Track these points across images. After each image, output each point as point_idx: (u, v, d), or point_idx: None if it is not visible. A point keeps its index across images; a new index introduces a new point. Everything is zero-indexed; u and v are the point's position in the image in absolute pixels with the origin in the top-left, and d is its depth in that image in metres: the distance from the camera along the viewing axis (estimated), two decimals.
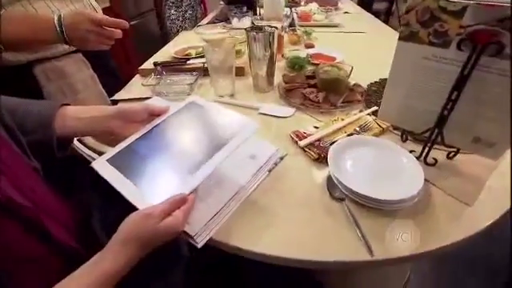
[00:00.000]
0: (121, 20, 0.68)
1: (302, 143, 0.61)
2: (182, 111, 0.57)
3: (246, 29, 0.78)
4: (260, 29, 0.81)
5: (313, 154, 0.59)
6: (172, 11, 2.06)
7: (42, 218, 0.37)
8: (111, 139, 0.52)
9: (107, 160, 0.49)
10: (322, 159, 0.57)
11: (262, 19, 0.99)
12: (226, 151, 0.46)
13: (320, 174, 0.55)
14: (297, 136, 0.63)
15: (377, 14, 2.41)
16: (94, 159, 0.53)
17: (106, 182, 0.45)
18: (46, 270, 0.37)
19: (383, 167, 0.53)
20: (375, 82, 0.88)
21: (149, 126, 0.54)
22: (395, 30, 1.50)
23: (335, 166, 0.52)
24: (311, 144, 0.61)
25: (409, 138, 0.63)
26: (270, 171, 0.57)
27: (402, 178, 0.50)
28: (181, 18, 2.10)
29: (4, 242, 0.32)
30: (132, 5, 2.41)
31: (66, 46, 0.80)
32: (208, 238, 0.44)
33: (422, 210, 0.47)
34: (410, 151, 0.57)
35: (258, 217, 0.48)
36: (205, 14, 2.23)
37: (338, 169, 0.51)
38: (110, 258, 0.35)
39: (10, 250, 0.33)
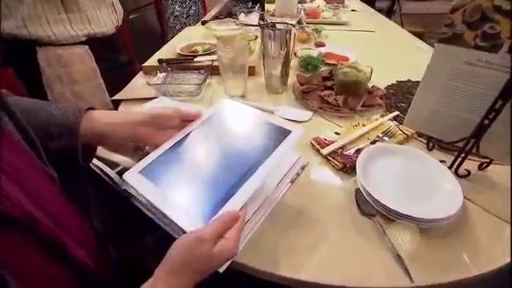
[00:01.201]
0: None
1: (325, 151, 0.57)
2: (214, 116, 0.52)
3: (261, 25, 0.73)
4: (275, 26, 0.76)
5: (337, 163, 0.55)
6: (176, 7, 2.00)
7: (60, 237, 0.33)
8: (126, 146, 0.48)
9: (139, 172, 0.44)
10: (347, 169, 0.54)
11: (272, 15, 0.94)
12: (272, 161, 0.42)
13: (347, 185, 0.52)
14: (318, 143, 0.60)
15: (379, 12, 2.38)
16: (107, 175, 0.49)
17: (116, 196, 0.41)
18: None
19: (415, 179, 0.50)
20: (392, 84, 0.84)
21: (183, 133, 0.49)
22: None
23: (364, 178, 0.48)
24: (335, 152, 0.57)
25: (435, 146, 0.60)
26: (292, 182, 0.53)
27: (437, 192, 0.47)
28: (185, 15, 2.05)
29: (18, 261, 0.28)
30: None
31: (74, 33, 0.79)
32: (231, 260, 0.39)
33: (459, 228, 0.44)
34: (440, 161, 0.53)
35: (281, 236, 0.44)
36: (204, 10, 2.16)
37: (367, 181, 0.48)
38: None
39: (24, 269, 0.29)
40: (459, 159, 0.53)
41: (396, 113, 0.68)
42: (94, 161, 0.60)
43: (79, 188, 0.54)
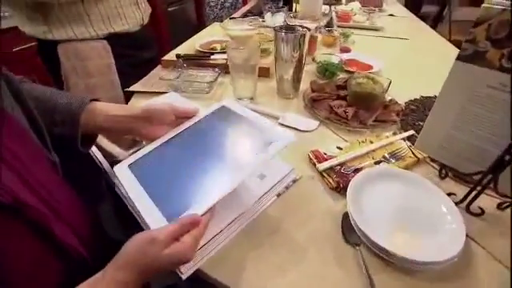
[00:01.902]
0: None
1: (321, 167, 0.53)
2: (211, 116, 0.51)
3: (274, 28, 0.71)
4: (291, 28, 0.73)
5: (331, 181, 0.51)
6: None
7: (49, 220, 0.34)
8: (126, 139, 0.49)
9: (129, 166, 0.45)
10: (340, 189, 0.50)
11: (295, 17, 0.91)
12: (248, 169, 0.40)
13: (336, 207, 0.48)
14: (316, 157, 0.56)
15: (424, 18, 2.20)
16: (101, 164, 0.51)
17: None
18: (48, 272, 0.35)
19: (413, 212, 0.44)
20: (415, 99, 0.77)
21: (176, 131, 0.49)
22: (444, 37, 1.34)
23: (354, 203, 0.44)
24: (331, 169, 0.53)
25: (449, 174, 0.53)
26: (278, 195, 0.50)
27: (436, 230, 0.41)
28: (219, 6, 2.06)
29: (6, 242, 0.30)
30: None
31: (94, 33, 0.82)
32: (195, 268, 0.38)
33: (458, 274, 0.38)
34: (449, 193, 0.47)
35: (253, 251, 0.42)
36: (244, 4, 2.16)
37: (357, 208, 0.43)
38: (104, 284, 0.32)
39: (11, 250, 0.31)
40: (473, 194, 0.46)
41: (411, 132, 0.62)
42: (95, 151, 0.62)
43: (88, 179, 0.57)
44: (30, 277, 0.32)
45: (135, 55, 0.96)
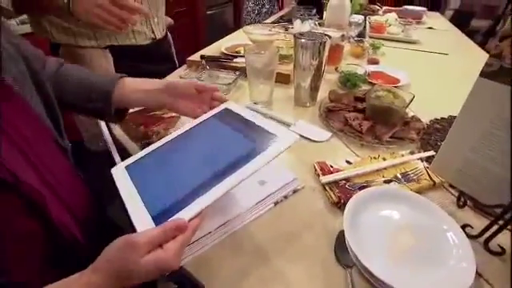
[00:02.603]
0: (139, 6, 0.64)
1: (324, 180, 0.51)
2: (213, 119, 0.51)
3: (294, 34, 0.70)
4: (312, 35, 0.71)
5: (333, 195, 0.48)
6: (250, 3, 2.07)
7: (45, 198, 0.35)
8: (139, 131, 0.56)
9: (126, 167, 0.45)
10: (341, 205, 0.47)
11: (321, 25, 0.89)
12: (248, 170, 0.38)
13: (334, 224, 0.45)
14: (321, 169, 0.53)
15: (473, 33, 2.04)
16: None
17: None
18: (36, 248, 0.36)
19: (417, 241, 0.40)
20: (442, 118, 0.71)
21: (179, 132, 0.50)
22: None
23: (352, 222, 0.41)
24: (335, 183, 0.51)
25: (468, 203, 0.48)
26: (276, 204, 0.48)
27: (439, 265, 0.37)
28: (256, 12, 2.10)
29: (3, 218, 0.31)
30: None
31: (95, 44, 0.80)
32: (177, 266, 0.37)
33: None
34: (465, 225, 0.43)
35: (237, 259, 0.40)
36: (279, 11, 2.18)
37: (354, 227, 0.40)
38: (77, 285, 0.30)
39: (7, 226, 0.32)
40: (493, 229, 0.41)
41: (431, 153, 0.57)
42: (110, 144, 0.65)
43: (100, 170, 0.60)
44: (17, 250, 0.33)
45: (141, 67, 0.84)
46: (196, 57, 1.03)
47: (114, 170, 0.45)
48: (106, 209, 0.55)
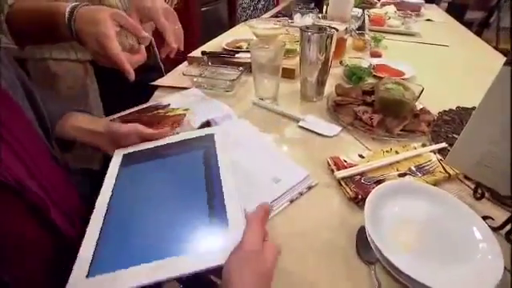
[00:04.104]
0: (145, 35, 0.55)
1: (339, 175, 0.50)
2: (199, 153, 0.46)
3: (300, 27, 0.68)
4: (319, 29, 0.70)
5: (349, 191, 0.47)
6: (246, 0, 2.05)
7: (47, 204, 0.34)
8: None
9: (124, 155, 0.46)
10: (359, 200, 0.46)
11: (324, 18, 0.88)
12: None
13: (352, 220, 0.44)
14: (335, 164, 0.53)
15: (468, 25, 2.05)
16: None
17: None
18: (38, 253, 0.35)
19: (440, 235, 0.40)
20: (450, 109, 0.71)
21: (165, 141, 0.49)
22: (490, 45, 1.23)
23: (373, 218, 0.40)
24: (350, 178, 0.50)
25: (485, 195, 0.48)
26: (291, 201, 0.47)
27: (465, 259, 0.36)
28: (252, 8, 2.08)
29: (7, 224, 0.31)
30: None
31: (74, 58, 0.72)
32: None
33: None
34: (485, 217, 0.42)
35: None
36: (276, 6, 2.16)
37: (375, 223, 0.40)
38: None
39: (11, 233, 0.31)
40: None
41: (443, 145, 0.57)
42: None
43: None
44: (21, 253, 0.33)
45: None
46: (197, 53, 1.01)
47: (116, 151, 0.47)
48: None
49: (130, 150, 0.48)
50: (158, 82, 0.85)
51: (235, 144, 0.56)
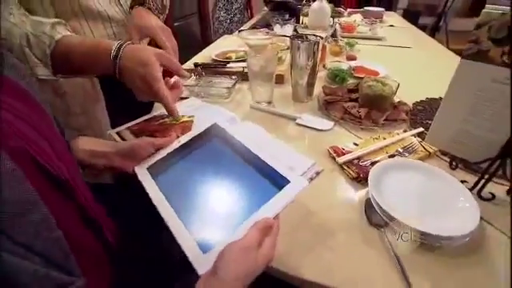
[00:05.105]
0: (186, 75, 0.59)
1: (341, 160, 0.58)
2: (214, 137, 0.52)
3: (290, 36, 0.77)
4: (305, 37, 0.79)
5: (351, 172, 0.55)
6: (222, 13, 2.15)
7: (82, 201, 0.36)
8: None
9: (147, 168, 0.48)
10: (361, 179, 0.54)
11: (306, 27, 0.98)
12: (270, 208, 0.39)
13: (358, 195, 0.52)
14: (335, 152, 0.61)
15: (422, 29, 2.30)
16: None
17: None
18: (99, 262, 0.38)
19: (430, 196, 0.49)
20: (421, 100, 0.82)
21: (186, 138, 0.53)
22: (443, 45, 1.41)
23: (376, 188, 0.48)
24: (350, 162, 0.58)
25: (459, 165, 0.58)
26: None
27: (452, 211, 0.45)
28: (228, 21, 2.18)
29: (64, 227, 0.29)
30: (177, 6, 2.52)
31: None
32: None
33: (473, 251, 0.43)
34: (462, 181, 0.52)
35: (286, 237, 0.45)
36: (250, 19, 2.27)
37: (378, 192, 0.48)
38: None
39: (69, 237, 0.31)
40: (483, 181, 0.51)
41: (420, 129, 0.67)
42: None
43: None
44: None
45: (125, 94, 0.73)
46: (188, 65, 1.06)
47: (137, 169, 0.48)
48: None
49: (150, 162, 0.49)
50: None
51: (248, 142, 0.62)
